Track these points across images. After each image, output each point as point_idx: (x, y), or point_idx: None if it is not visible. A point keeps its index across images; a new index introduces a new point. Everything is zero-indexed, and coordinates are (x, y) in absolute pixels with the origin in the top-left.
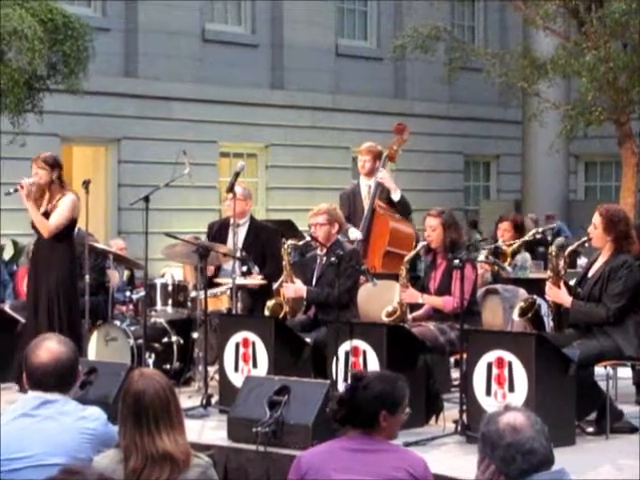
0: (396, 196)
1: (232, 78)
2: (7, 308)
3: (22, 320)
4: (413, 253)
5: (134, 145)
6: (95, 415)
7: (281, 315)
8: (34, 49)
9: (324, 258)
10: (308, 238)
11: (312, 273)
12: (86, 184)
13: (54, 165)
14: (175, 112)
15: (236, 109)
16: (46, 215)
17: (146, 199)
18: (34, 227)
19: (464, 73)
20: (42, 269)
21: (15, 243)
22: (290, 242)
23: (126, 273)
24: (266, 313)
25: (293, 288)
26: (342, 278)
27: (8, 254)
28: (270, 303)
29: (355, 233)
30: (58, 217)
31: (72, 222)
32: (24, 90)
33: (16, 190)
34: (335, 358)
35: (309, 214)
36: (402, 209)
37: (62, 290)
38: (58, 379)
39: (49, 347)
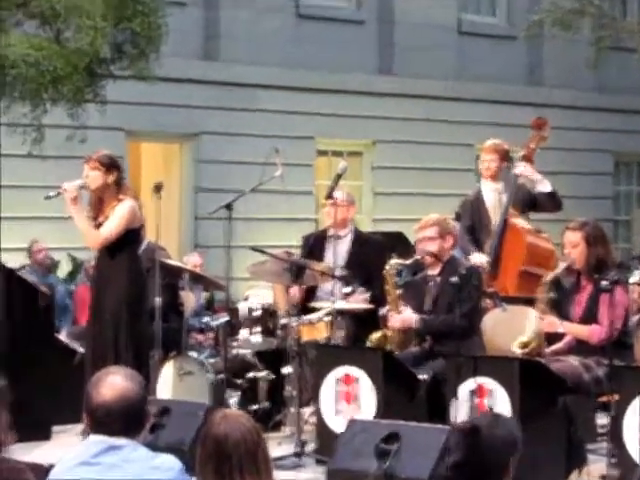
0: (546, 187)
1: (331, 61)
2: (63, 336)
3: (80, 350)
4: (554, 273)
5: (214, 141)
6: (168, 464)
7: (388, 349)
8: (96, 27)
9: (438, 279)
10: (417, 256)
11: (423, 297)
12: (157, 188)
13: (110, 166)
14: (263, 102)
15: (336, 98)
16: (99, 227)
17: (228, 207)
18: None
19: (614, 54)
20: (103, 289)
21: (73, 258)
22: (394, 262)
23: (204, 295)
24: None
25: (400, 318)
26: (462, 302)
27: (64, 271)
28: (374, 336)
29: (479, 258)
30: (110, 227)
31: (133, 233)
32: (84, 76)
33: (59, 193)
34: (455, 398)
35: (414, 227)
36: (553, 203)
37: (127, 314)
38: (124, 421)
39: (113, 383)
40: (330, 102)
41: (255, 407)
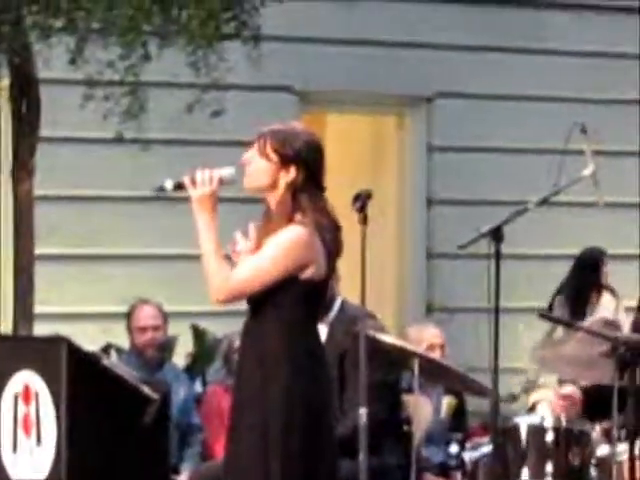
0: None
1: None
2: None
3: None
4: None
5: (456, 109)
6: None
7: None
8: None
9: None
10: None
11: None
12: (361, 199)
13: (293, 157)
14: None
15: None
16: None
17: (495, 234)
18: (250, 299)
19: None
20: (252, 389)
21: (200, 332)
22: None
23: (446, 402)
24: None
25: None
26: None
27: (183, 354)
28: None
29: None
30: (249, 269)
31: (302, 286)
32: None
33: (179, 186)
34: None
35: None
36: None
37: (285, 438)
38: None
39: None
40: None
41: None
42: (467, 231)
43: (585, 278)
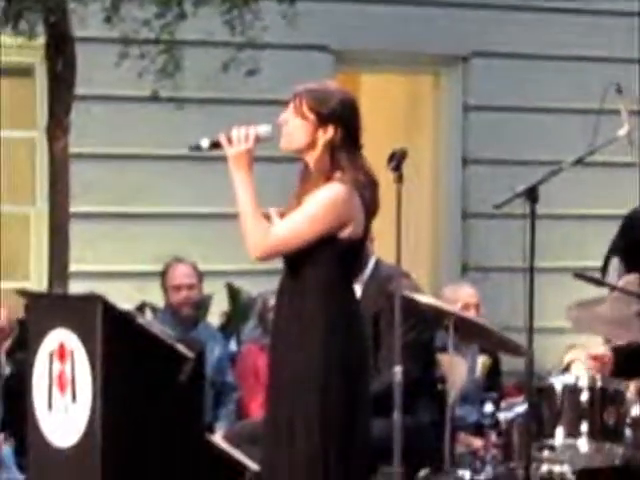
0: None
1: None
2: (220, 441)
3: (252, 466)
4: None
5: (492, 69)
6: None
7: None
8: None
9: None
10: None
11: None
12: (396, 159)
13: (330, 117)
14: None
15: None
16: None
17: (531, 194)
18: (287, 257)
19: None
20: (284, 349)
21: (234, 291)
22: None
23: (481, 361)
24: None
25: None
26: None
27: (218, 313)
28: None
29: None
30: (291, 224)
31: (339, 245)
32: None
33: (215, 144)
34: None
35: None
36: None
37: (324, 398)
38: None
39: None
40: None
41: None
42: (502, 191)
43: (637, 237)
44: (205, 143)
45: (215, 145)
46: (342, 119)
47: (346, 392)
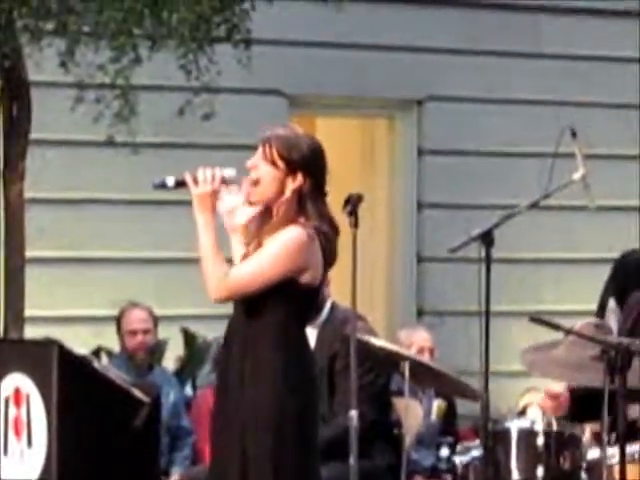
0: None
1: None
2: None
3: None
4: None
5: (447, 112)
6: None
7: None
8: None
9: None
10: None
11: None
12: (352, 203)
13: (302, 162)
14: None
15: None
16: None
17: (485, 238)
18: (245, 299)
19: None
20: (234, 394)
21: (190, 336)
22: None
23: (436, 405)
24: None
25: None
26: None
27: (173, 358)
28: None
29: None
30: (249, 267)
31: (296, 288)
32: None
33: (180, 183)
34: None
35: None
36: None
37: (276, 444)
38: None
39: None
40: None
41: None
42: (457, 235)
43: (632, 281)
44: (170, 181)
45: (180, 184)
46: (311, 167)
47: (299, 435)
